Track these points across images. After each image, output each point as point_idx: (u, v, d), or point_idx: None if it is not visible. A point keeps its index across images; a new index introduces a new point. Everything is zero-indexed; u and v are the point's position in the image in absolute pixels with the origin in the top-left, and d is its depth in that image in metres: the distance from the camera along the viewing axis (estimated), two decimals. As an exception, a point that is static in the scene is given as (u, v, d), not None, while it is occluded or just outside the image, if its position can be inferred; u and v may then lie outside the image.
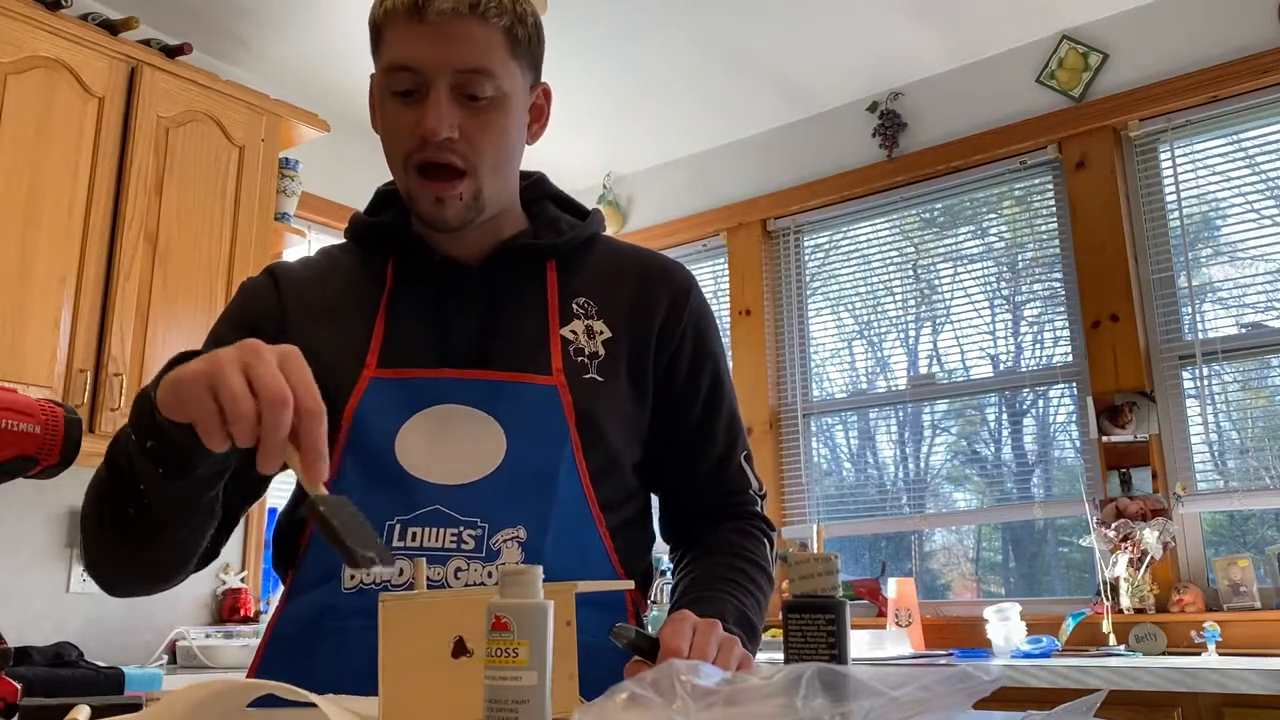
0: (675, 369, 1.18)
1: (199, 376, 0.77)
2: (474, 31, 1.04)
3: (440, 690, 0.75)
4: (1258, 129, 3.07)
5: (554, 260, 1.18)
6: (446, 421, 1.07)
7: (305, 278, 1.19)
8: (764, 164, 4.00)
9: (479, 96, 1.06)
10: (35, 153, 2.61)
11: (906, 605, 3.18)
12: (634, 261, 1.22)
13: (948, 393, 3.57)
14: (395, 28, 1.06)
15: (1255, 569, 2.81)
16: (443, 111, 1.04)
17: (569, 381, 1.10)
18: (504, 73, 1.07)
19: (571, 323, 1.14)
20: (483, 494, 1.04)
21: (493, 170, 1.10)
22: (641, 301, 1.18)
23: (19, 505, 2.80)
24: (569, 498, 1.07)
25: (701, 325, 1.21)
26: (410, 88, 1.06)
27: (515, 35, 1.08)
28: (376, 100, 1.12)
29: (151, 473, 0.88)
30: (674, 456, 1.20)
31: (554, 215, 1.22)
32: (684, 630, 0.87)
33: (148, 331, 2.76)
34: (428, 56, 1.04)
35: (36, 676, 2.18)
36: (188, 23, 3.22)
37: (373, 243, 1.20)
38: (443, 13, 1.03)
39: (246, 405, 0.74)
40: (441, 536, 1.03)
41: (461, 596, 0.79)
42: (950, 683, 0.60)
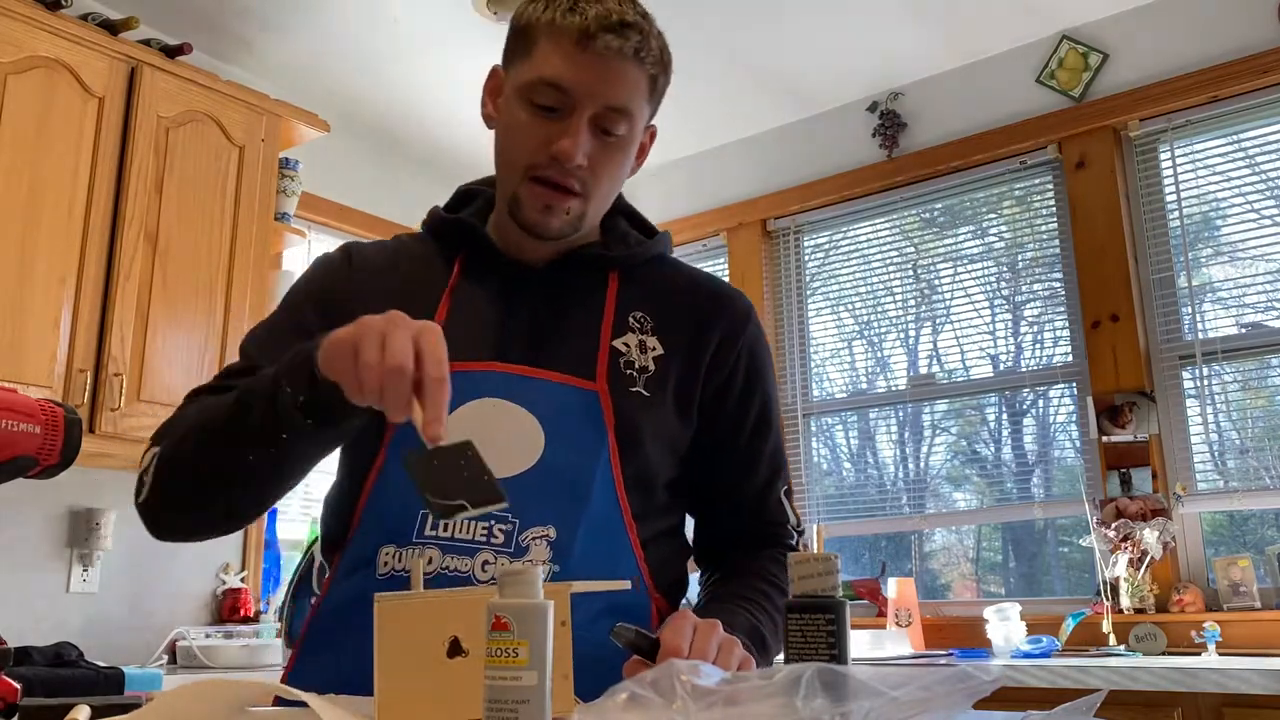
0: (725, 395, 1.18)
1: (346, 341, 0.88)
2: (629, 72, 1.08)
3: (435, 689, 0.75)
4: (1258, 129, 3.07)
5: (617, 272, 1.20)
6: (489, 415, 1.08)
7: (377, 261, 1.22)
8: (764, 164, 4.00)
9: (612, 133, 1.09)
10: (35, 153, 2.60)
11: (906, 605, 3.18)
12: (695, 284, 1.24)
13: (948, 393, 3.57)
14: (555, 43, 1.07)
15: (1255, 569, 2.81)
16: (581, 141, 1.07)
17: (612, 391, 1.11)
18: (638, 116, 1.12)
19: (625, 335, 1.15)
20: (516, 489, 1.04)
21: (602, 199, 1.14)
22: (698, 324, 1.18)
23: (19, 505, 2.80)
24: (601, 503, 1.08)
25: (756, 355, 1.22)
26: (554, 105, 1.08)
27: (656, 83, 1.13)
28: (505, 99, 1.14)
29: (301, 424, 0.95)
30: (713, 481, 1.20)
31: (624, 230, 1.25)
32: (684, 630, 0.87)
33: (148, 331, 2.76)
34: (584, 85, 1.07)
35: (36, 676, 2.18)
36: (188, 23, 3.22)
37: (446, 238, 1.22)
38: (610, 48, 1.06)
39: (373, 374, 0.84)
40: (472, 529, 1.04)
41: (457, 596, 0.80)
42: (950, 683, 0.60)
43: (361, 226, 3.84)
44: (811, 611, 0.76)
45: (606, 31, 1.05)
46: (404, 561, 1.04)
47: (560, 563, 1.03)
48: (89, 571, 2.91)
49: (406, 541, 1.04)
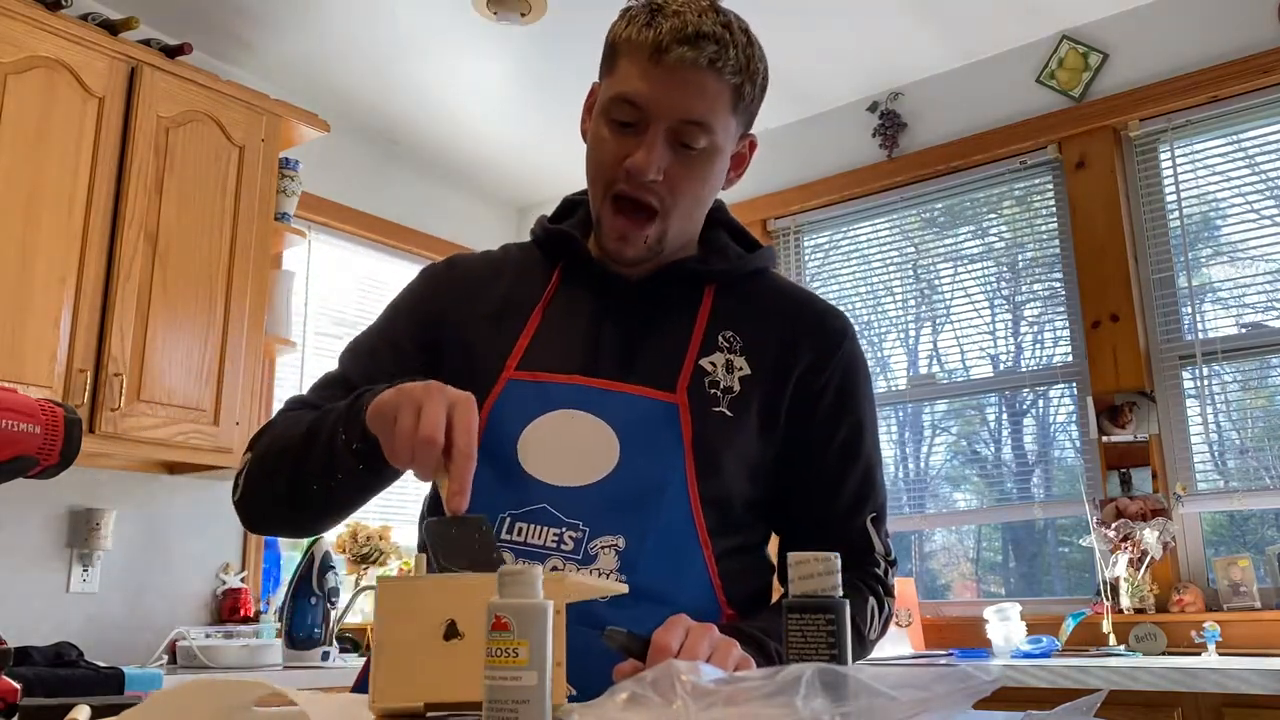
0: (810, 417, 1.16)
1: (387, 407, 0.93)
2: (706, 84, 1.07)
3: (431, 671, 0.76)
4: (1258, 129, 3.07)
5: (713, 287, 1.19)
6: (568, 426, 1.10)
7: (478, 274, 1.25)
8: (764, 164, 3.98)
9: (692, 146, 1.09)
10: (35, 153, 2.61)
11: (906, 605, 3.18)
12: (791, 302, 1.22)
13: (948, 393, 3.57)
14: (632, 58, 1.08)
15: (1255, 569, 2.81)
16: (655, 155, 1.07)
17: (692, 406, 1.10)
18: (721, 128, 1.10)
19: (713, 354, 1.15)
20: (589, 499, 1.07)
21: (685, 215, 1.13)
22: (788, 343, 1.17)
23: (19, 505, 2.80)
24: (675, 515, 1.07)
25: (850, 375, 1.19)
26: (630, 120, 1.09)
27: (742, 93, 1.11)
28: (594, 115, 1.15)
29: (353, 466, 1.01)
30: (797, 502, 1.18)
31: (724, 244, 1.24)
32: (676, 630, 0.87)
33: (148, 331, 2.76)
34: (656, 99, 1.07)
35: (36, 676, 2.18)
36: (188, 23, 3.22)
37: (548, 247, 1.24)
38: (682, 60, 1.05)
39: (405, 441, 0.90)
40: (544, 535, 1.05)
41: (455, 581, 0.80)
42: (950, 683, 0.60)
43: (361, 226, 3.84)
44: (811, 611, 0.76)
45: (680, 44, 1.05)
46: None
47: (627, 572, 1.04)
48: (89, 571, 2.91)
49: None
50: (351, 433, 1.00)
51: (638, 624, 1.01)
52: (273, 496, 1.11)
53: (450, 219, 4.13)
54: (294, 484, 1.07)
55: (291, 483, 1.08)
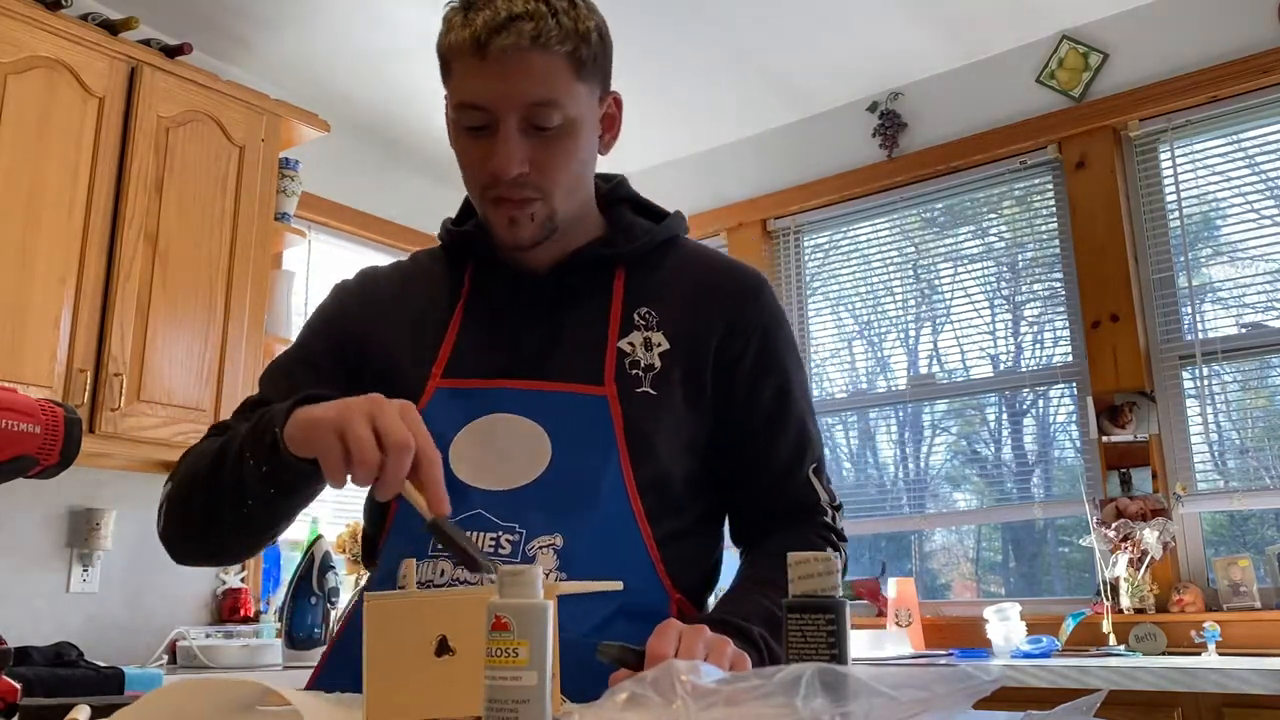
0: (736, 377, 1.16)
1: (328, 423, 0.89)
2: (537, 63, 1.03)
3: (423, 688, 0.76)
4: (1258, 129, 3.07)
5: (624, 268, 1.18)
6: (497, 429, 1.09)
7: (390, 286, 1.23)
8: (764, 164, 4.00)
9: (547, 127, 1.06)
10: (35, 153, 2.60)
11: (906, 605, 3.18)
12: (703, 268, 1.21)
13: (948, 393, 3.57)
14: (460, 63, 1.06)
15: (1255, 569, 2.81)
16: (511, 149, 1.05)
17: (620, 393, 1.10)
18: (570, 99, 1.06)
19: (630, 334, 1.14)
20: (523, 501, 1.06)
21: (566, 193, 1.11)
22: (704, 310, 1.16)
23: (19, 505, 2.80)
24: (612, 508, 1.07)
25: (769, 334, 1.18)
26: (480, 124, 1.06)
27: (580, 57, 1.06)
28: (450, 130, 1.13)
29: (262, 492, 0.98)
30: (736, 466, 1.18)
31: (629, 221, 1.22)
32: (669, 637, 0.86)
33: (148, 331, 2.76)
34: (493, 94, 1.04)
35: (36, 676, 2.18)
36: (188, 23, 3.22)
37: (455, 250, 1.22)
38: (504, 49, 1.02)
39: (371, 451, 0.86)
40: (480, 540, 1.04)
41: (445, 596, 0.80)
42: (950, 683, 0.60)
43: (361, 226, 3.84)
44: (811, 611, 0.76)
45: (496, 33, 1.02)
46: (421, 573, 1.05)
47: (567, 570, 1.03)
48: (89, 571, 2.90)
49: (424, 555, 1.06)
50: (259, 456, 0.96)
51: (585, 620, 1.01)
52: (189, 528, 1.09)
53: (450, 219, 4.12)
54: (207, 514, 1.05)
55: (205, 513, 1.05)
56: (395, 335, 1.18)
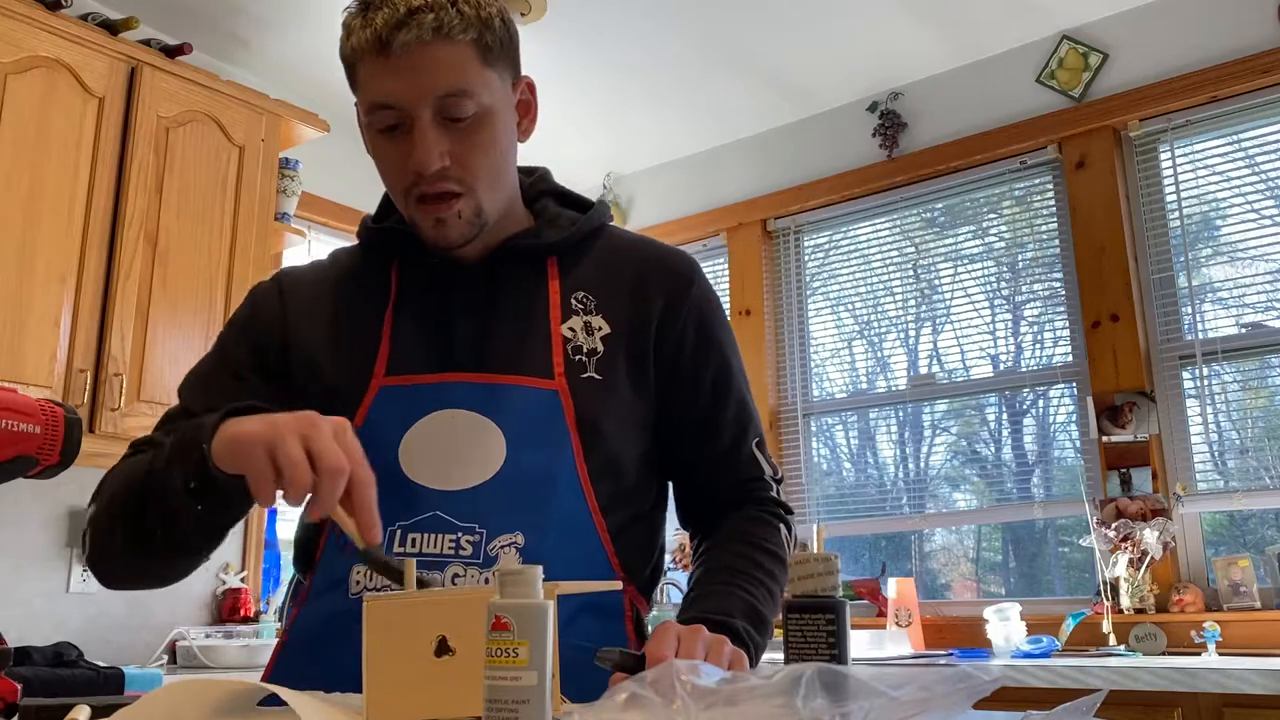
0: (678, 359, 1.17)
1: (256, 439, 0.85)
2: (443, 55, 1.03)
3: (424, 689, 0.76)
4: (1258, 129, 3.07)
5: (555, 258, 1.17)
6: (449, 427, 1.07)
7: (312, 289, 1.20)
8: (764, 164, 4.00)
9: (461, 118, 1.05)
10: (35, 153, 2.61)
11: (906, 605, 3.18)
12: (635, 253, 1.21)
13: (948, 393, 3.57)
14: (366, 65, 1.05)
15: (1255, 569, 2.81)
16: (429, 144, 1.04)
17: (569, 383, 1.09)
18: (481, 86, 1.05)
19: (570, 319, 1.13)
20: (481, 500, 1.04)
21: (490, 184, 1.10)
22: (641, 293, 1.17)
23: (19, 505, 2.80)
24: (569, 503, 1.07)
25: (705, 313, 1.20)
26: (393, 123, 1.05)
27: (485, 44, 1.06)
28: (365, 134, 1.12)
29: (189, 507, 0.95)
30: (682, 446, 1.19)
31: (555, 212, 1.22)
32: (669, 641, 0.87)
33: (148, 331, 2.76)
34: (402, 91, 1.03)
35: (37, 676, 2.18)
36: (188, 23, 3.22)
37: (378, 248, 1.20)
38: (407, 44, 1.01)
39: (304, 472, 0.83)
40: (439, 542, 1.03)
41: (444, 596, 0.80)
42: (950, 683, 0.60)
43: (361, 226, 3.84)
44: (811, 611, 0.76)
45: (398, 29, 1.01)
46: (376, 580, 1.03)
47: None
48: (89, 571, 2.90)
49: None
50: (186, 471, 0.93)
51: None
52: (117, 550, 1.05)
53: (450, 219, 4.13)
54: (135, 534, 1.01)
55: (133, 533, 1.01)
56: (321, 337, 1.15)
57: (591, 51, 3.50)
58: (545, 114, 1.24)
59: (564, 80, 3.62)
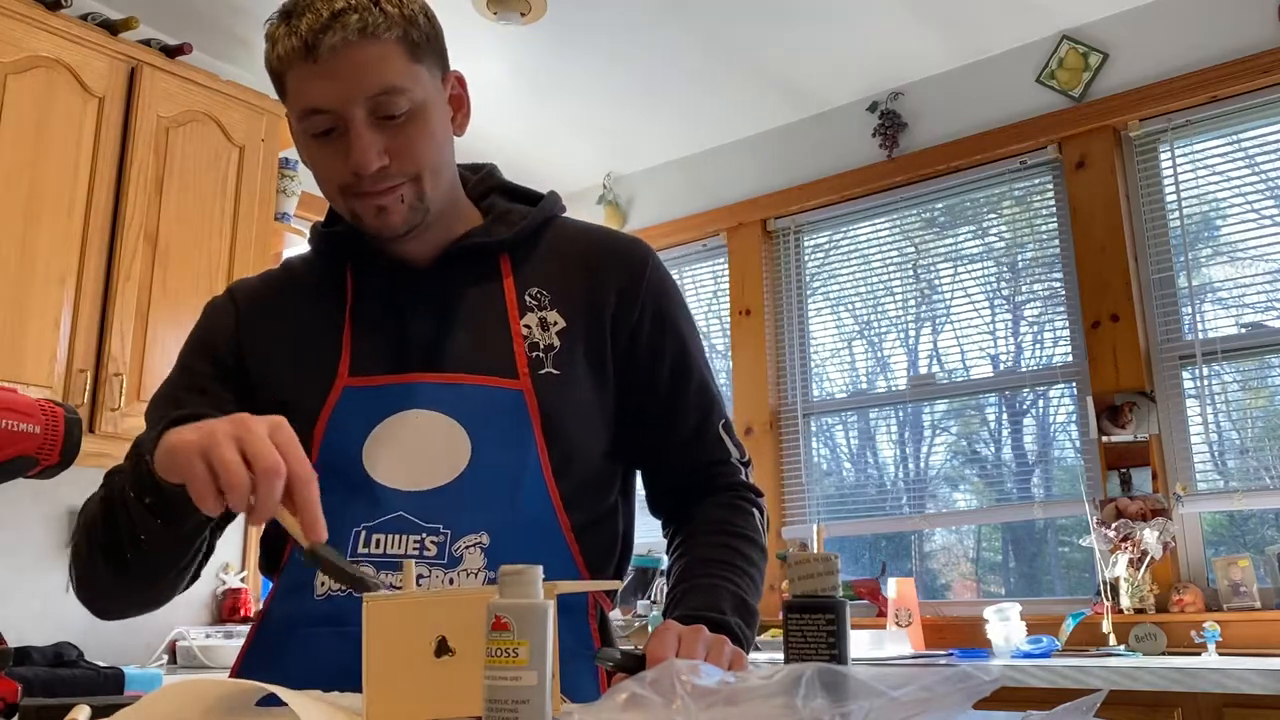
0: (636, 346, 1.17)
1: (192, 447, 0.84)
2: (368, 54, 1.02)
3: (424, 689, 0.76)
4: (1258, 129, 3.07)
5: (507, 254, 1.17)
6: (413, 427, 1.07)
7: (265, 298, 1.20)
8: (764, 164, 4.00)
9: (395, 115, 1.04)
10: (35, 153, 2.61)
11: (906, 605, 3.18)
12: (586, 243, 1.21)
13: (948, 393, 3.57)
14: (294, 72, 1.04)
15: (1255, 569, 2.81)
16: (366, 144, 1.03)
17: (533, 382, 1.09)
18: (412, 82, 1.05)
19: (525, 316, 1.13)
20: (445, 500, 1.04)
21: (431, 174, 1.09)
22: (594, 284, 1.16)
23: (19, 505, 2.80)
24: (533, 502, 1.07)
25: (661, 299, 1.19)
26: (327, 127, 1.05)
27: (411, 40, 1.05)
28: (298, 141, 1.11)
29: (151, 523, 0.94)
30: (647, 433, 1.18)
31: (505, 208, 1.21)
32: (669, 641, 0.87)
33: (148, 331, 2.76)
34: (332, 94, 1.02)
35: (36, 676, 2.18)
36: (188, 23, 3.22)
37: (330, 254, 1.20)
38: (333, 47, 1.01)
39: (240, 475, 0.81)
40: (404, 543, 1.03)
41: (445, 596, 0.80)
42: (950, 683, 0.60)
43: (361, 226, 3.84)
44: (811, 611, 0.76)
45: (323, 33, 1.01)
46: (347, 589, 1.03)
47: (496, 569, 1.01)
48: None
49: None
50: (138, 489, 0.93)
51: None
52: (99, 578, 1.04)
53: (450, 219, 4.13)
54: (110, 560, 1.00)
55: (108, 559, 1.00)
56: (277, 344, 1.15)
57: (591, 52, 3.50)
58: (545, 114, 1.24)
59: (564, 80, 3.62)
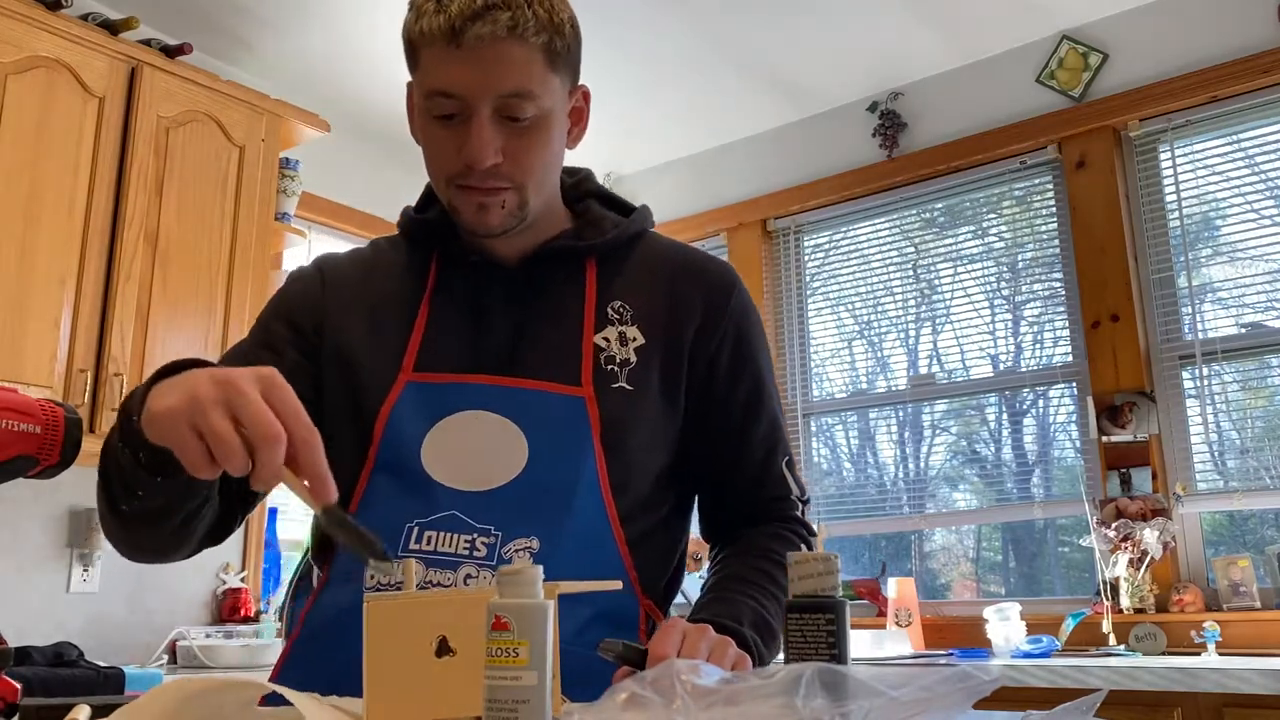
0: (713, 373, 1.15)
1: (178, 415, 0.76)
2: (513, 54, 1.02)
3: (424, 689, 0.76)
4: (1258, 129, 3.07)
5: (594, 261, 1.16)
6: (472, 428, 1.06)
7: (350, 275, 1.20)
8: (764, 164, 4.00)
9: (520, 118, 1.04)
10: (35, 153, 2.60)
11: (906, 605, 3.18)
12: (674, 261, 1.19)
13: (948, 393, 3.57)
14: (431, 51, 1.03)
15: (1255, 569, 2.81)
16: (486, 139, 1.03)
17: (597, 392, 1.08)
18: (543, 90, 1.05)
19: (605, 329, 1.12)
20: (499, 502, 1.04)
21: (537, 185, 1.09)
22: (678, 304, 1.15)
23: (19, 505, 2.80)
24: (587, 511, 1.06)
25: (743, 327, 1.18)
26: (451, 112, 1.04)
27: (554, 48, 1.05)
28: (416, 117, 1.11)
29: (146, 478, 0.89)
30: (711, 461, 1.17)
31: (598, 214, 1.20)
32: (672, 637, 0.86)
33: (148, 331, 2.76)
34: (467, 83, 1.02)
35: (36, 676, 2.18)
36: (188, 23, 3.22)
37: (419, 239, 1.20)
38: (480, 38, 1.00)
39: (233, 444, 0.75)
40: (455, 542, 1.02)
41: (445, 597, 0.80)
42: (950, 683, 0.60)
43: (361, 226, 3.84)
44: (811, 611, 0.76)
45: (472, 21, 1.00)
46: (389, 575, 1.02)
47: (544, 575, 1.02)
48: (89, 571, 2.90)
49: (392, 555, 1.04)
50: (132, 444, 0.87)
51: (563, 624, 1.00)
52: (112, 533, 1.04)
53: (450, 219, 4.13)
54: (114, 516, 0.99)
55: (113, 516, 0.99)
56: (355, 324, 1.15)
57: (591, 52, 3.49)
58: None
59: (564, 80, 3.62)
